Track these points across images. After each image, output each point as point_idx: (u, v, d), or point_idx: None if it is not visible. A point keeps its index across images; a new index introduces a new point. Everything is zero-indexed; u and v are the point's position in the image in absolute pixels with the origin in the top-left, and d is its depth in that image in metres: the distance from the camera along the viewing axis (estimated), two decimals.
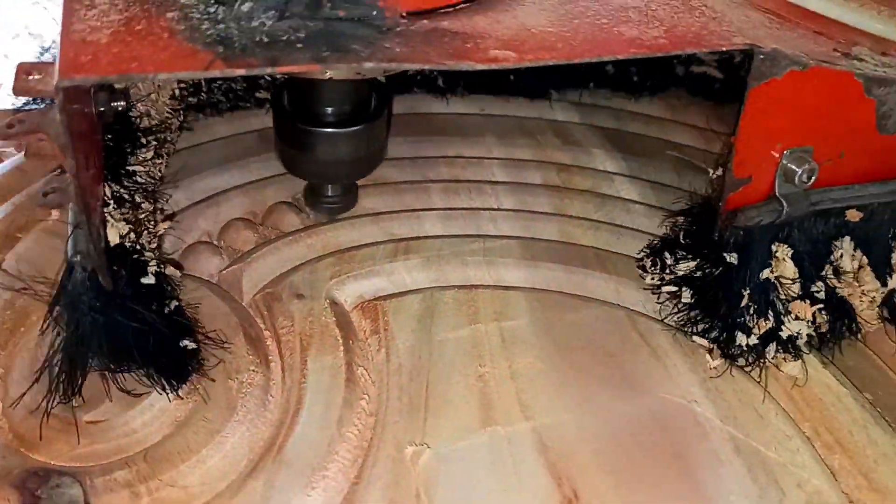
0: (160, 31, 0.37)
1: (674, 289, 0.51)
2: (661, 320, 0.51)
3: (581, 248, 0.55)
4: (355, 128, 0.51)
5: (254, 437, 0.43)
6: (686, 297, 0.50)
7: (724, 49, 0.43)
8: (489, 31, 0.40)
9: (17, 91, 0.38)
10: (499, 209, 0.58)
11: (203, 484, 0.41)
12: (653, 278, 0.52)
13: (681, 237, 0.52)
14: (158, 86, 0.57)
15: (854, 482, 0.43)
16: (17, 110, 0.51)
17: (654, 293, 0.52)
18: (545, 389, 0.46)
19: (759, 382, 0.47)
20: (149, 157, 0.52)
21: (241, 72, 0.36)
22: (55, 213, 0.52)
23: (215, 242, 0.53)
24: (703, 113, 0.67)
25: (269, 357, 0.47)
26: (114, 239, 0.43)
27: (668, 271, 0.52)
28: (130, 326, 0.42)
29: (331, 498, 0.41)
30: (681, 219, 0.53)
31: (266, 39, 0.37)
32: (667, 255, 0.52)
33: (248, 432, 0.43)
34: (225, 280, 0.51)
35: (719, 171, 0.49)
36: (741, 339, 0.48)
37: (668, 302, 0.51)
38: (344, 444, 0.43)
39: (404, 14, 0.40)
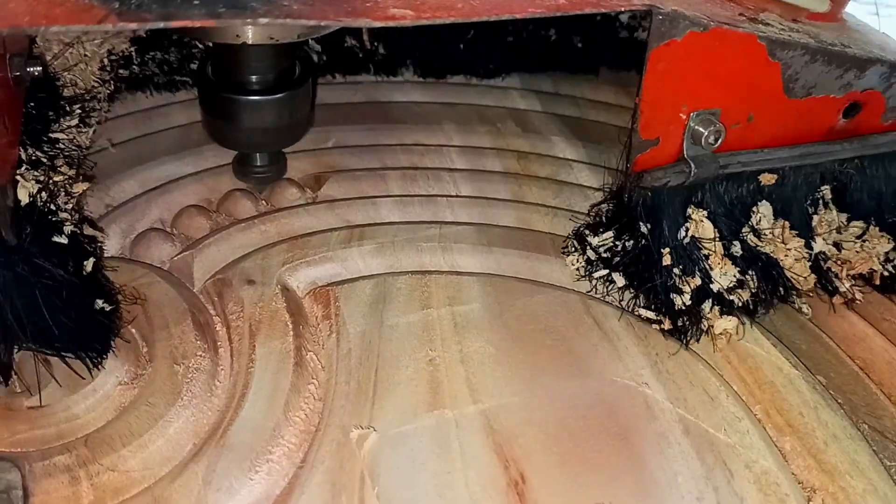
0: None
1: (603, 272, 0.51)
2: (615, 304, 0.51)
3: (537, 234, 0.55)
4: (278, 95, 0.52)
5: (199, 421, 0.42)
6: (620, 281, 0.50)
7: (622, 9, 0.43)
8: None
9: None
10: (456, 196, 0.58)
11: (144, 468, 0.40)
12: (575, 258, 0.53)
13: (601, 217, 0.52)
14: (86, 55, 0.57)
15: (804, 463, 0.43)
16: None
17: (585, 278, 0.52)
18: (495, 373, 0.46)
19: (709, 364, 0.47)
20: (73, 124, 0.53)
21: (134, 26, 0.36)
22: None
23: (168, 229, 0.53)
24: None
25: (218, 342, 0.46)
26: (24, 198, 0.43)
27: (588, 247, 0.52)
28: (37, 282, 0.41)
29: (274, 481, 0.40)
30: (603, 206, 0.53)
31: None
32: (587, 232, 0.52)
33: (193, 417, 0.43)
34: (176, 266, 0.51)
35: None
36: (677, 300, 0.48)
37: (603, 286, 0.51)
38: (290, 428, 0.43)
39: None
